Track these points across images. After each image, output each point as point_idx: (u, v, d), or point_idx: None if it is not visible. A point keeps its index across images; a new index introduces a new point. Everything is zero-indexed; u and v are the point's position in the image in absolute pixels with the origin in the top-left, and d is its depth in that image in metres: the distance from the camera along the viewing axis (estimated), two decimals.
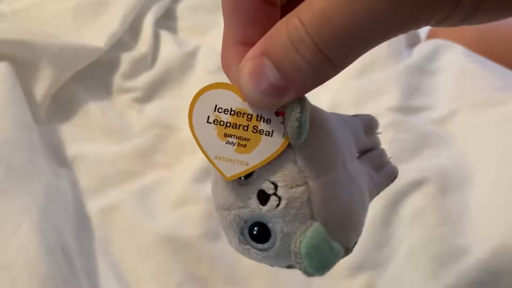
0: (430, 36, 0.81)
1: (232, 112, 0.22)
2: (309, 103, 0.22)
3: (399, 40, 0.74)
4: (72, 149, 0.59)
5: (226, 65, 0.23)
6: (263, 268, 0.50)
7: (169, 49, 0.71)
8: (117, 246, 0.52)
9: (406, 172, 0.54)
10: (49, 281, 0.43)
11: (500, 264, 0.47)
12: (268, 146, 0.22)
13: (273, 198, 0.22)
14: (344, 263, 0.49)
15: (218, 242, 0.51)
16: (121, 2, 0.71)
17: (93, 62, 0.66)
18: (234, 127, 0.22)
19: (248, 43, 0.22)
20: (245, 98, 0.22)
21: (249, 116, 0.22)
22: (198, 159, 0.57)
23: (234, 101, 0.22)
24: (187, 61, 0.70)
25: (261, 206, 0.22)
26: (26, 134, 0.54)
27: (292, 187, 0.22)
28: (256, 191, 0.23)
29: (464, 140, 0.60)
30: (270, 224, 0.23)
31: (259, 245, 0.23)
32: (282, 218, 0.22)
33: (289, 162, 0.22)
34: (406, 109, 0.64)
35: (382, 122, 0.30)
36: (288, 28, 0.19)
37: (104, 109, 0.64)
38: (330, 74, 0.20)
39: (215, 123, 0.22)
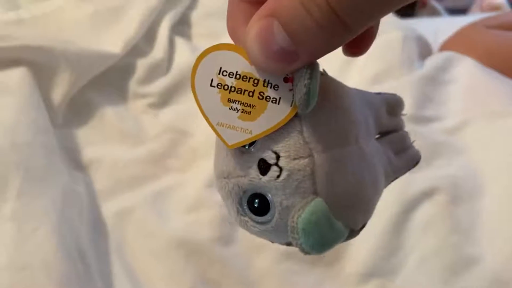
0: (441, 49, 0.81)
1: (238, 76, 0.21)
2: (323, 71, 0.21)
3: (412, 50, 0.74)
4: (88, 153, 0.60)
5: (232, 27, 0.22)
6: (275, 272, 0.50)
7: (184, 55, 0.72)
8: (131, 249, 0.52)
9: (418, 181, 0.55)
10: (66, 282, 0.43)
11: (511, 273, 0.48)
12: (274, 114, 0.21)
13: (274, 168, 0.21)
14: (355, 269, 0.50)
15: (230, 247, 0.52)
16: (137, 9, 0.72)
17: (110, 68, 0.67)
18: (239, 92, 0.21)
19: (256, 3, 0.20)
20: (251, 62, 0.20)
21: (256, 81, 0.21)
22: (211, 164, 0.57)
23: (240, 64, 0.21)
24: None
25: (261, 176, 0.21)
26: (44, 137, 0.55)
27: (295, 159, 0.21)
28: (257, 160, 0.21)
29: (476, 150, 0.60)
30: (270, 195, 0.21)
31: (258, 218, 0.22)
32: (283, 191, 0.21)
33: (295, 132, 0.21)
34: (418, 118, 0.64)
35: None
36: None
37: (120, 114, 0.65)
38: (342, 38, 0.18)
39: (219, 87, 0.21)
